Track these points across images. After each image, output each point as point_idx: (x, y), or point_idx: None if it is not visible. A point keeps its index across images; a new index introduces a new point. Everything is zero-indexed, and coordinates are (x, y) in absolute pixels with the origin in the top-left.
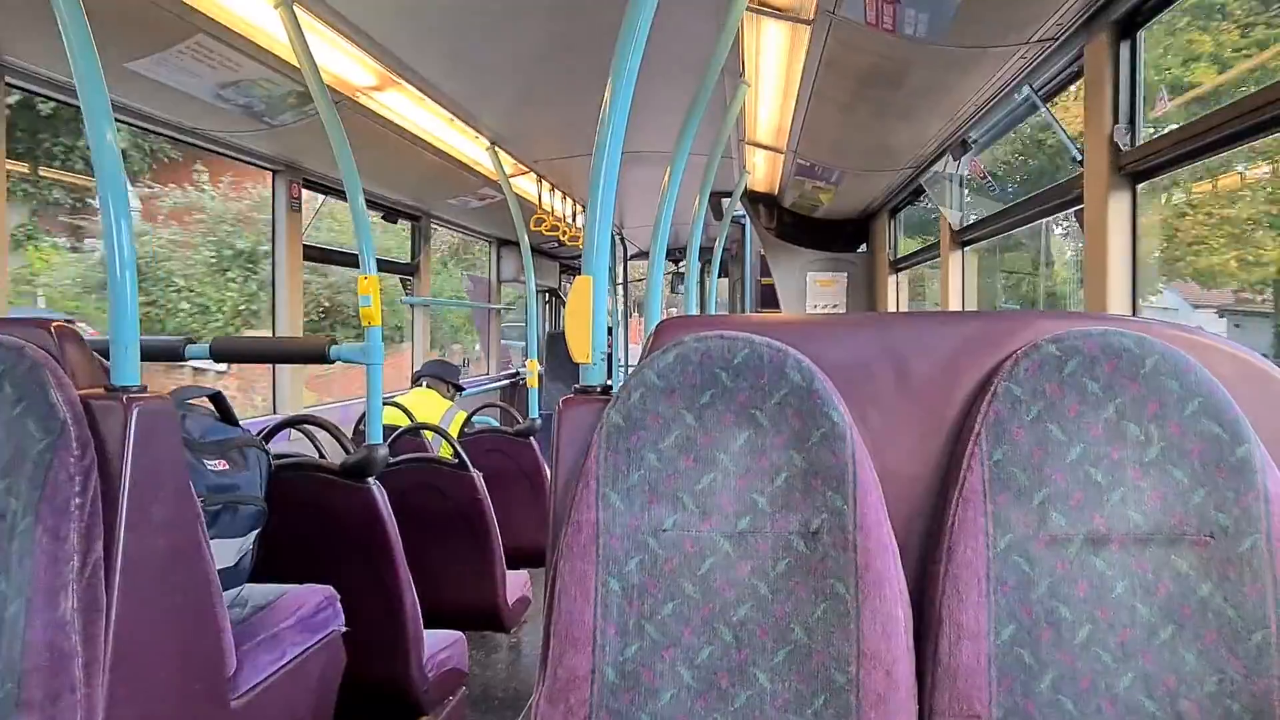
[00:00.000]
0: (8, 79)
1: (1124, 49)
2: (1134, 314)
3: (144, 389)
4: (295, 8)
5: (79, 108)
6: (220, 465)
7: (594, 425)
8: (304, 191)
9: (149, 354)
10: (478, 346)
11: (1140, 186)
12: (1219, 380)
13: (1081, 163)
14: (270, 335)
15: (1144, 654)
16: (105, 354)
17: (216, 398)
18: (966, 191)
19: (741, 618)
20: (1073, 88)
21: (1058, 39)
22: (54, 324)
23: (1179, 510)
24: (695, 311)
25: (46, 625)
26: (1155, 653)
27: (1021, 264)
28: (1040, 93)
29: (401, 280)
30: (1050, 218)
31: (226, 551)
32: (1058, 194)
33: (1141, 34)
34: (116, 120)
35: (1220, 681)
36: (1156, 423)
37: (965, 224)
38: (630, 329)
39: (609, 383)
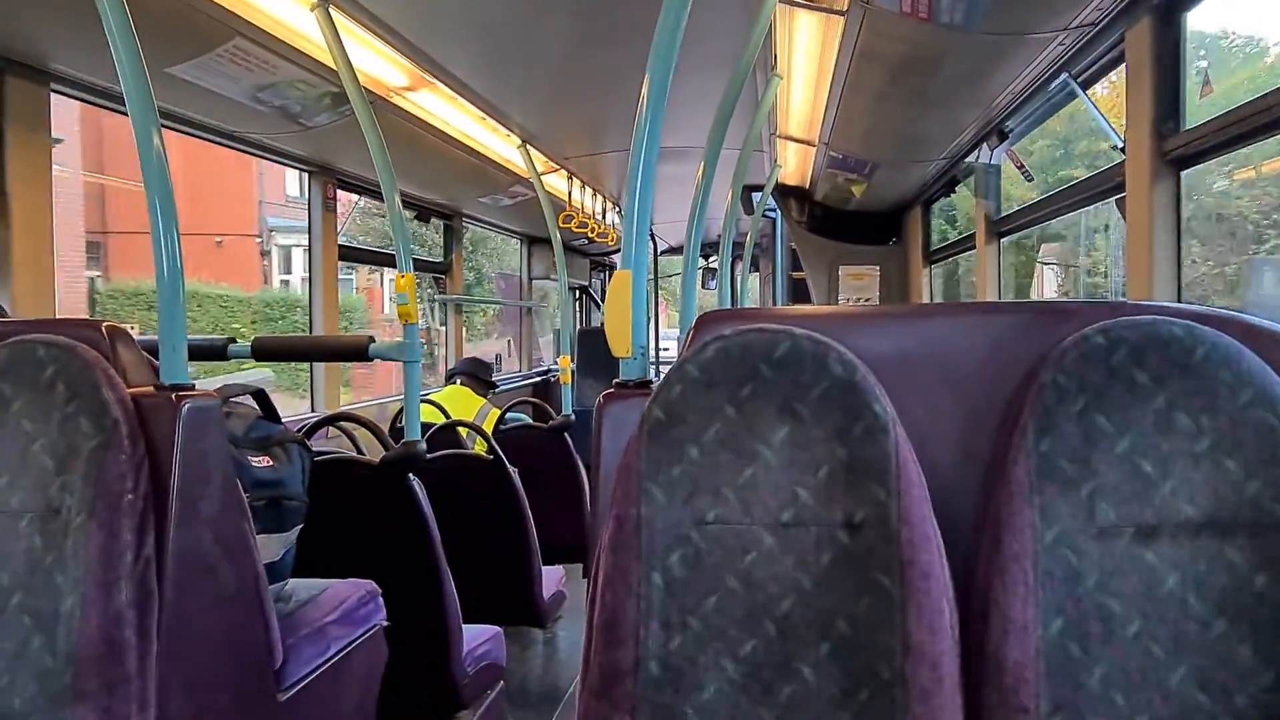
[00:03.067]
0: (54, 86)
1: (1167, 33)
2: (1179, 301)
3: (192, 387)
4: (331, 10)
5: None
6: (264, 461)
7: (634, 419)
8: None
9: (194, 354)
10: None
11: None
12: (1273, 368)
13: (1123, 150)
14: (309, 334)
15: (1197, 648)
16: (154, 353)
17: (260, 395)
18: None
19: (785, 611)
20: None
21: (1098, 24)
22: (105, 324)
23: (1232, 502)
24: (728, 306)
25: (102, 617)
26: (1209, 647)
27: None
28: (1080, 80)
29: (434, 279)
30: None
31: (271, 546)
32: (1098, 182)
33: (1185, 18)
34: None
35: (1278, 677)
36: (1208, 413)
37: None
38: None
39: (648, 377)
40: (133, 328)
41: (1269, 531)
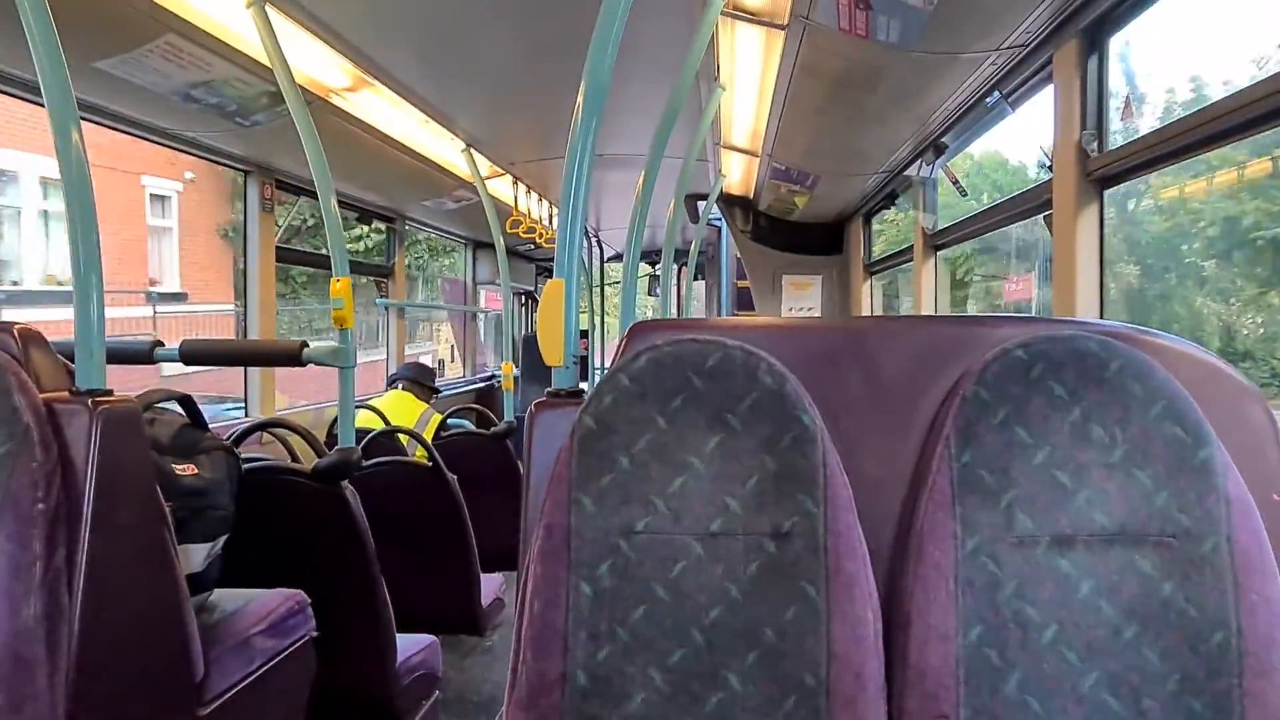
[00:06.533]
0: None
1: (1092, 57)
2: (1101, 318)
3: (110, 393)
4: (268, 8)
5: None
6: (188, 469)
7: (566, 429)
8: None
9: (117, 357)
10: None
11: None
12: (1182, 383)
13: (1051, 168)
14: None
15: (1108, 654)
16: (72, 357)
17: (185, 401)
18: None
19: (713, 620)
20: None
21: (1028, 45)
22: (17, 327)
23: (1143, 512)
24: (671, 314)
25: (9, 632)
26: (1119, 652)
27: None
28: (1011, 99)
29: (375, 282)
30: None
31: (194, 556)
32: (1029, 199)
33: (1110, 42)
34: (83, 119)
35: (1182, 680)
36: (1121, 426)
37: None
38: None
39: (581, 386)
40: None
41: (1176, 541)
